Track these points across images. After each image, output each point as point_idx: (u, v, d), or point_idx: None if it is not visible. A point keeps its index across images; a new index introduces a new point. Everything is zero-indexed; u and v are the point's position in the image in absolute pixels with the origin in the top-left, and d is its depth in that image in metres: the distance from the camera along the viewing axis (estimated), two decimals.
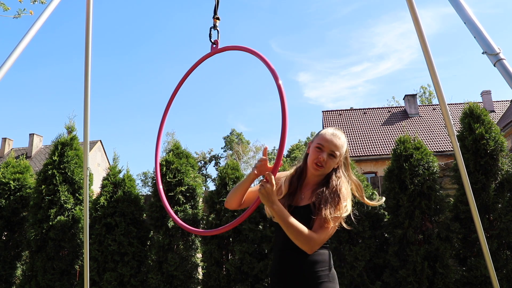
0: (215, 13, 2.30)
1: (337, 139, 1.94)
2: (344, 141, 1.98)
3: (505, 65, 1.58)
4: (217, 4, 2.31)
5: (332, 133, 1.97)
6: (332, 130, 1.99)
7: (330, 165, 1.94)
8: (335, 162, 1.95)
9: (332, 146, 1.92)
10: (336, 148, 1.93)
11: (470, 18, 1.73)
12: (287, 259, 1.89)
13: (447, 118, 2.79)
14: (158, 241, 5.06)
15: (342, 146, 1.96)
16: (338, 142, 1.94)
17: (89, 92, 3.15)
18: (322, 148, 1.93)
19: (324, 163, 1.91)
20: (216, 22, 2.29)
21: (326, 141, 1.93)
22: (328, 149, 1.92)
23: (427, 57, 2.58)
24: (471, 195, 3.05)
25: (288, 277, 1.86)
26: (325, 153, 1.91)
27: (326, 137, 1.94)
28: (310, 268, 1.83)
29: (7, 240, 5.76)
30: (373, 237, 4.73)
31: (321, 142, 1.94)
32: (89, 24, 2.84)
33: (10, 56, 1.77)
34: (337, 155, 1.93)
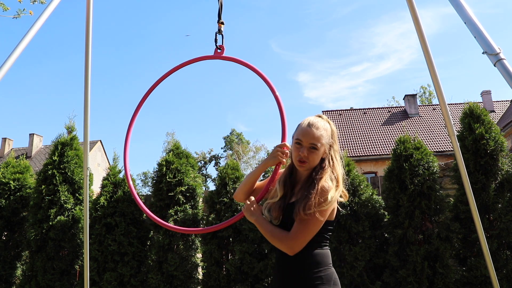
0: (219, 18, 2.31)
1: (315, 129, 1.82)
2: (324, 129, 1.85)
3: (505, 65, 1.58)
4: (220, 8, 2.31)
5: (309, 123, 1.84)
6: (309, 120, 1.87)
7: (314, 158, 1.83)
8: (319, 154, 1.84)
9: (310, 139, 1.81)
10: (316, 140, 1.81)
11: (470, 18, 1.73)
12: (282, 262, 1.85)
13: (447, 118, 2.79)
14: (158, 241, 5.06)
15: (322, 136, 1.83)
16: (316, 133, 1.82)
17: (89, 92, 3.15)
18: (301, 143, 1.83)
19: (306, 158, 1.81)
20: (221, 27, 2.30)
21: (303, 135, 1.83)
22: (307, 143, 1.81)
23: (427, 57, 2.58)
24: (471, 195, 3.05)
25: (284, 280, 1.82)
26: (305, 148, 1.81)
27: (303, 131, 1.83)
28: (305, 271, 1.77)
29: (7, 240, 5.76)
30: (373, 237, 4.73)
31: (299, 136, 1.84)
32: (89, 23, 2.84)
33: (10, 56, 1.77)
34: (318, 147, 1.82)
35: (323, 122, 1.87)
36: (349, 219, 4.68)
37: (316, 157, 1.84)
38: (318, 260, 1.79)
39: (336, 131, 1.93)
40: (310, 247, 1.79)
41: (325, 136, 1.84)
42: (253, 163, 38.67)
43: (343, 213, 4.68)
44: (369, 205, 4.80)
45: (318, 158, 1.85)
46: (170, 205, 5.20)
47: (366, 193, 4.87)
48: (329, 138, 1.87)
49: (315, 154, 1.83)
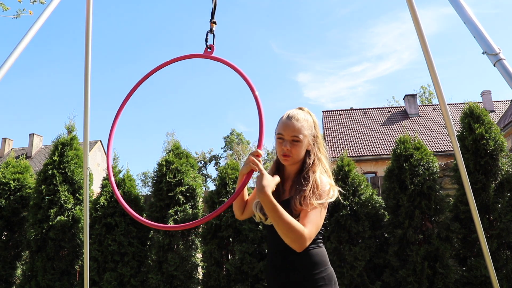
0: (212, 17, 2.30)
1: (295, 121, 1.77)
2: (304, 120, 1.80)
3: (505, 65, 1.58)
4: (214, 8, 2.31)
5: (289, 116, 1.80)
6: (288, 112, 1.82)
7: (298, 151, 1.78)
8: (302, 146, 1.79)
9: (291, 131, 1.76)
10: (297, 132, 1.76)
11: (470, 18, 1.73)
12: (280, 262, 1.78)
13: (447, 118, 2.79)
14: (158, 241, 5.06)
15: (303, 127, 1.78)
16: (297, 124, 1.77)
17: (89, 92, 3.15)
18: (283, 137, 1.78)
19: (290, 152, 1.77)
20: (213, 26, 2.29)
21: (284, 128, 1.78)
22: (288, 136, 1.77)
23: (427, 57, 2.58)
24: (471, 195, 3.05)
25: (283, 281, 1.75)
26: (287, 142, 1.76)
27: (283, 124, 1.79)
28: (306, 271, 1.71)
29: (7, 240, 5.76)
30: (373, 237, 4.73)
31: (280, 131, 1.80)
32: (89, 24, 2.84)
33: (10, 56, 1.77)
34: (301, 139, 1.77)
35: (303, 113, 1.83)
36: (349, 219, 4.68)
37: (300, 149, 1.79)
38: (318, 259, 1.75)
39: (318, 122, 1.89)
40: (309, 246, 1.71)
41: (307, 127, 1.80)
42: None
43: (343, 213, 4.68)
44: (369, 205, 4.80)
45: (302, 150, 1.80)
46: (170, 205, 5.20)
47: (366, 193, 4.87)
48: (311, 129, 1.82)
49: (298, 146, 1.78)
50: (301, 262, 1.73)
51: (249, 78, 1.99)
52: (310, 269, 1.72)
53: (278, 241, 1.69)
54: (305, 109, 1.88)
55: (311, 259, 1.74)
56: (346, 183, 4.86)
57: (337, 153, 20.24)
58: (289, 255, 1.73)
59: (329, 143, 21.79)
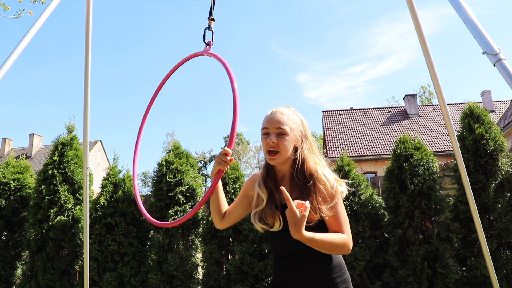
0: (211, 14, 2.30)
1: (279, 114, 1.68)
2: (290, 114, 1.71)
3: (505, 65, 1.58)
4: (213, 5, 2.31)
5: (272, 111, 1.72)
6: (273, 109, 1.74)
7: (286, 145, 1.66)
8: (290, 140, 1.67)
9: (276, 123, 1.66)
10: (282, 123, 1.66)
11: (470, 18, 1.73)
12: (298, 267, 1.67)
13: (447, 118, 2.79)
14: (158, 241, 5.06)
15: (290, 120, 1.69)
16: (281, 116, 1.68)
17: (89, 92, 3.15)
18: (268, 131, 1.68)
19: (276, 145, 1.65)
20: (211, 23, 2.29)
21: (268, 121, 1.68)
22: (273, 129, 1.67)
23: (427, 57, 2.58)
24: (471, 195, 3.05)
25: (302, 283, 1.66)
26: (272, 135, 1.66)
27: (267, 118, 1.70)
28: (326, 276, 1.64)
29: (7, 240, 5.76)
30: (373, 237, 4.74)
31: (264, 125, 1.70)
32: (89, 24, 2.84)
33: (10, 56, 1.77)
34: (287, 131, 1.66)
35: (289, 110, 1.74)
36: (349, 219, 4.67)
37: (287, 143, 1.67)
38: (338, 261, 1.69)
39: (307, 123, 1.79)
40: None
41: (293, 121, 1.70)
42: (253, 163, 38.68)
43: None
44: (369, 205, 4.80)
45: (289, 145, 1.68)
46: (170, 205, 5.20)
47: (366, 193, 4.87)
48: (298, 126, 1.72)
49: (285, 140, 1.66)
50: (322, 266, 1.65)
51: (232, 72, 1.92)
52: (330, 274, 1.65)
53: (291, 246, 1.64)
54: (292, 108, 1.78)
55: (332, 261, 1.67)
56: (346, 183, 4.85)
57: (337, 153, 20.24)
58: (305, 258, 1.66)
59: (329, 143, 21.79)
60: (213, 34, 2.29)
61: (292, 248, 1.67)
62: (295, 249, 1.66)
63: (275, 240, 1.74)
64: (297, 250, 1.66)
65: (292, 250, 1.68)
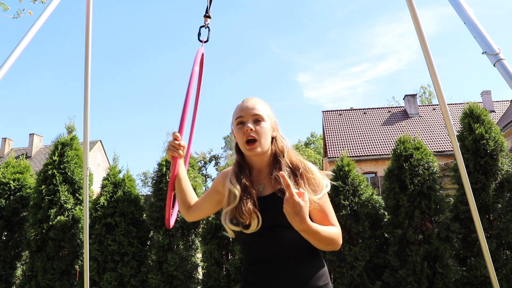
0: (207, 12, 2.27)
1: (252, 101, 1.57)
2: (262, 102, 1.59)
3: (505, 65, 1.58)
4: (209, 2, 2.29)
5: (243, 100, 1.60)
6: (243, 99, 1.62)
7: (264, 132, 1.52)
8: (267, 127, 1.54)
9: (251, 110, 1.53)
10: (258, 109, 1.54)
11: (470, 18, 1.73)
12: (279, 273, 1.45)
13: (447, 118, 2.78)
14: (158, 241, 5.06)
15: (264, 107, 1.57)
16: (255, 103, 1.55)
17: (89, 92, 3.14)
18: (243, 119, 1.54)
19: (255, 132, 1.50)
20: (207, 21, 2.26)
21: (242, 109, 1.55)
22: (249, 116, 1.53)
23: (427, 57, 2.57)
24: (471, 195, 3.04)
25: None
26: (249, 122, 1.51)
27: (241, 107, 1.57)
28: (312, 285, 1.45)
29: (7, 240, 5.76)
30: (373, 237, 4.73)
31: (238, 114, 1.56)
32: (89, 24, 2.84)
33: (10, 56, 1.77)
34: (264, 118, 1.53)
35: (259, 99, 1.62)
36: (349, 219, 4.68)
37: (266, 130, 1.53)
38: (324, 268, 1.53)
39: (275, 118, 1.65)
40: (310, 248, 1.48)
41: (266, 109, 1.58)
42: None
43: (343, 213, 4.67)
44: (369, 205, 4.80)
45: (268, 133, 1.54)
46: None
47: (366, 193, 4.87)
48: (272, 115, 1.61)
49: (263, 127, 1.52)
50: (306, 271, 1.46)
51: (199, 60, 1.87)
52: (316, 280, 1.46)
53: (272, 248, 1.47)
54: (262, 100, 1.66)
55: (317, 268, 1.49)
56: (346, 183, 4.86)
57: (337, 153, 20.23)
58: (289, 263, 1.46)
59: (329, 143, 21.79)
60: (209, 32, 2.25)
61: (273, 251, 1.47)
62: (277, 252, 1.46)
63: (251, 242, 1.51)
64: (279, 253, 1.46)
65: (272, 253, 1.47)
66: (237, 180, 1.52)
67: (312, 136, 45.81)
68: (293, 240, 1.44)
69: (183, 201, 1.72)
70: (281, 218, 1.35)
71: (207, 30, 2.26)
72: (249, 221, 1.43)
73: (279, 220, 1.41)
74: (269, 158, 1.56)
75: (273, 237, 1.44)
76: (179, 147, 1.61)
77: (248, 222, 1.44)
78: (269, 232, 1.44)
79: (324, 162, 22.02)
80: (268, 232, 1.44)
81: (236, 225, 1.46)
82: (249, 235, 1.47)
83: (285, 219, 1.30)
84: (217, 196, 1.66)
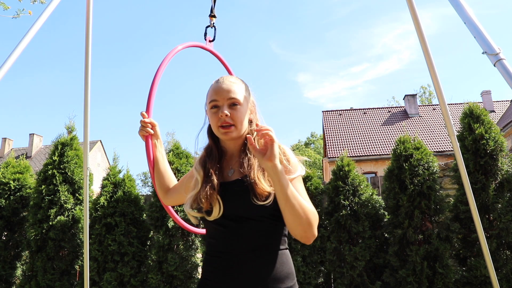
0: (211, 11, 2.29)
1: (228, 82, 1.42)
2: (239, 82, 1.45)
3: (505, 65, 1.58)
4: (213, 1, 2.31)
5: (218, 80, 1.45)
6: (218, 78, 1.47)
7: (240, 117, 1.39)
8: (243, 110, 1.40)
9: (226, 92, 1.39)
10: (234, 92, 1.39)
11: (470, 18, 1.73)
12: (239, 268, 1.31)
13: (447, 118, 2.78)
14: (158, 241, 5.06)
15: (240, 89, 1.42)
16: (231, 85, 1.41)
17: (89, 92, 3.14)
18: (217, 103, 1.40)
19: (230, 118, 1.37)
20: (212, 20, 2.29)
21: (216, 92, 1.40)
22: (224, 99, 1.39)
23: (427, 57, 2.57)
24: (471, 195, 3.04)
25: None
26: (224, 107, 1.38)
27: (214, 89, 1.42)
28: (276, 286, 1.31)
29: (7, 240, 5.76)
30: (373, 237, 4.73)
31: (212, 97, 1.41)
32: (89, 23, 2.84)
33: (10, 56, 1.77)
34: (240, 101, 1.39)
35: (235, 77, 1.48)
36: (349, 219, 4.68)
37: (242, 115, 1.39)
38: (292, 268, 1.38)
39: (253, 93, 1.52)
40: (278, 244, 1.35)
41: (244, 89, 1.45)
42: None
43: (343, 213, 4.67)
44: (369, 205, 4.80)
45: (245, 117, 1.41)
46: None
47: (366, 193, 4.87)
48: (249, 94, 1.47)
49: (239, 111, 1.39)
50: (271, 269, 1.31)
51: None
52: (281, 281, 1.32)
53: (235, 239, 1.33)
54: (237, 77, 1.52)
55: (284, 267, 1.34)
56: (346, 183, 4.86)
57: (337, 153, 20.23)
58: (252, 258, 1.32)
59: (329, 143, 21.79)
60: (215, 31, 2.28)
61: (234, 244, 1.33)
62: (238, 245, 1.33)
63: (213, 232, 1.40)
64: (240, 246, 1.32)
65: (233, 246, 1.33)
66: (202, 166, 1.44)
67: (312, 136, 45.82)
68: (257, 233, 1.32)
69: (160, 184, 1.67)
70: (244, 205, 1.30)
71: (213, 29, 2.28)
72: (209, 206, 1.34)
73: (242, 208, 1.32)
74: (242, 142, 1.44)
75: (235, 228, 1.33)
76: (145, 124, 1.61)
77: (209, 207, 1.34)
78: (231, 222, 1.33)
79: (324, 162, 22.03)
80: (231, 222, 1.33)
81: (198, 210, 1.38)
82: (212, 224, 1.38)
83: (249, 207, 1.25)
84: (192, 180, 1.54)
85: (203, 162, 1.45)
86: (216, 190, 1.34)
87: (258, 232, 1.32)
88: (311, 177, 5.09)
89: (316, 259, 4.83)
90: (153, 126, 1.64)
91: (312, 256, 4.81)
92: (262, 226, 1.31)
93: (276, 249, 1.35)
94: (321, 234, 4.83)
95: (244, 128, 1.42)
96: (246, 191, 1.29)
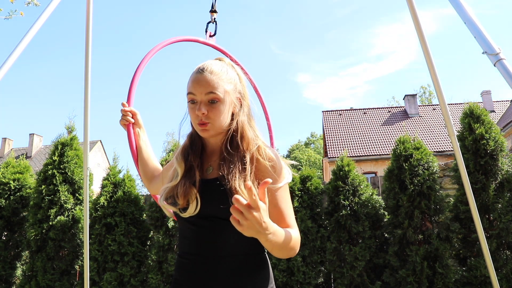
0: (212, 7, 2.30)
1: (208, 74, 1.25)
2: (222, 72, 1.28)
3: (505, 65, 1.58)
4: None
5: (199, 68, 1.29)
6: (200, 65, 1.30)
7: (219, 115, 1.26)
8: (224, 107, 1.27)
9: (205, 88, 1.24)
10: (213, 87, 1.24)
11: (470, 18, 1.73)
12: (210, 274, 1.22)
13: (447, 118, 2.78)
14: (158, 241, 5.06)
15: (223, 80, 1.27)
16: (211, 77, 1.25)
17: (89, 92, 3.14)
18: (195, 98, 1.26)
19: (208, 118, 1.25)
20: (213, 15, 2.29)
21: (195, 85, 1.26)
22: (202, 95, 1.25)
23: (427, 57, 2.57)
24: (471, 195, 3.04)
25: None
26: (201, 104, 1.25)
27: (193, 80, 1.27)
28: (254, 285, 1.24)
29: (7, 240, 5.76)
30: (373, 237, 4.73)
31: (190, 89, 1.28)
32: (89, 23, 2.84)
33: (10, 56, 1.77)
34: (220, 97, 1.25)
35: (221, 64, 1.32)
36: (349, 219, 4.68)
37: (221, 113, 1.26)
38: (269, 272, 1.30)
39: (244, 78, 1.37)
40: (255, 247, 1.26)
41: (227, 80, 1.28)
42: None
43: (343, 213, 4.67)
44: (369, 205, 4.80)
45: (225, 113, 1.28)
46: None
47: (366, 193, 4.87)
48: (234, 85, 1.31)
49: (218, 109, 1.26)
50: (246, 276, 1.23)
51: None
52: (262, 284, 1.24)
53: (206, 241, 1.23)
54: (226, 60, 1.36)
55: (255, 280, 1.24)
56: (346, 183, 4.86)
57: (337, 153, 20.23)
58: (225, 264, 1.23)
59: (329, 143, 21.79)
60: (216, 26, 2.28)
61: (209, 245, 1.23)
62: (209, 248, 1.23)
63: (185, 231, 1.30)
64: (212, 250, 1.23)
65: (208, 248, 1.23)
66: (184, 157, 1.33)
67: (312, 136, 45.81)
68: (234, 235, 1.16)
69: (144, 173, 1.62)
70: (218, 207, 1.19)
71: (214, 24, 2.28)
72: (186, 204, 1.24)
73: (219, 209, 1.20)
74: (223, 137, 1.31)
75: (209, 228, 1.23)
76: (125, 112, 1.63)
77: (185, 204, 1.24)
78: (205, 221, 1.23)
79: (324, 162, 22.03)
80: (206, 222, 1.23)
81: (172, 204, 1.27)
82: (185, 223, 1.28)
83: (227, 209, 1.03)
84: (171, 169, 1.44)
85: (185, 154, 1.34)
86: (196, 187, 1.24)
87: (235, 235, 1.13)
88: (311, 177, 5.09)
89: (316, 259, 4.83)
90: (134, 115, 1.66)
91: (312, 256, 4.81)
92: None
93: (253, 253, 1.26)
94: (321, 234, 4.83)
95: (224, 125, 1.29)
96: (225, 192, 1.18)
